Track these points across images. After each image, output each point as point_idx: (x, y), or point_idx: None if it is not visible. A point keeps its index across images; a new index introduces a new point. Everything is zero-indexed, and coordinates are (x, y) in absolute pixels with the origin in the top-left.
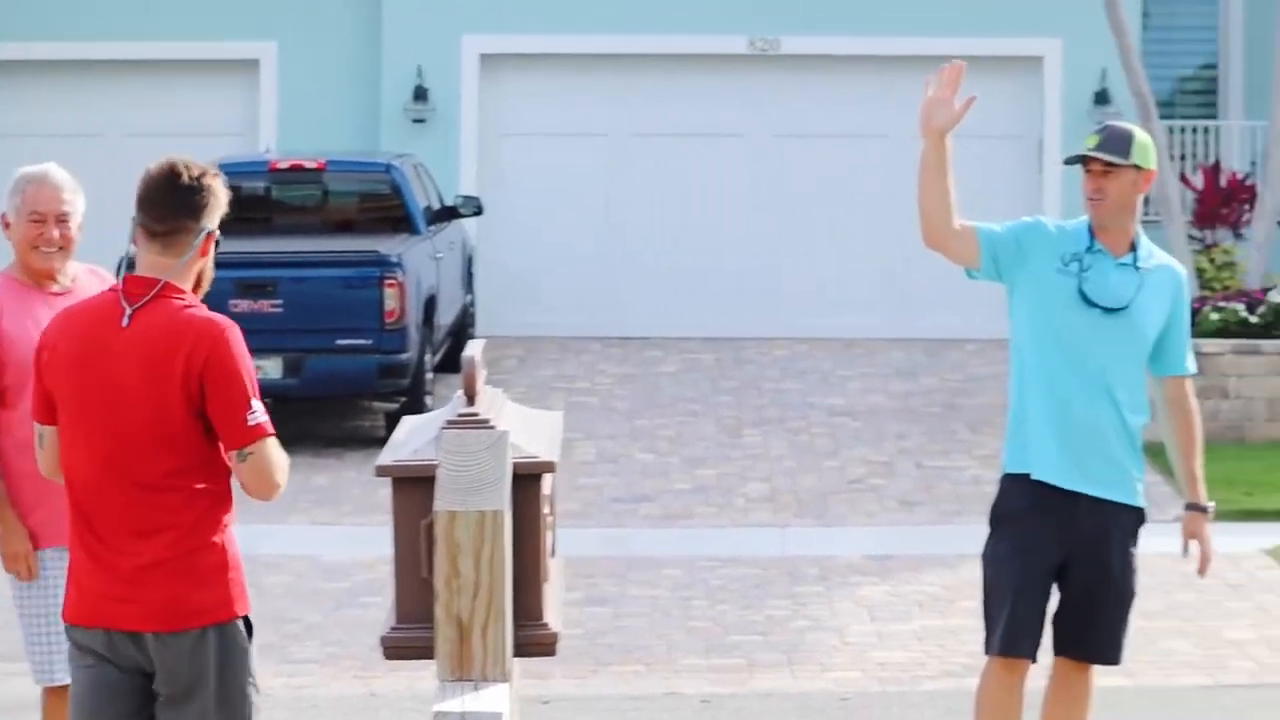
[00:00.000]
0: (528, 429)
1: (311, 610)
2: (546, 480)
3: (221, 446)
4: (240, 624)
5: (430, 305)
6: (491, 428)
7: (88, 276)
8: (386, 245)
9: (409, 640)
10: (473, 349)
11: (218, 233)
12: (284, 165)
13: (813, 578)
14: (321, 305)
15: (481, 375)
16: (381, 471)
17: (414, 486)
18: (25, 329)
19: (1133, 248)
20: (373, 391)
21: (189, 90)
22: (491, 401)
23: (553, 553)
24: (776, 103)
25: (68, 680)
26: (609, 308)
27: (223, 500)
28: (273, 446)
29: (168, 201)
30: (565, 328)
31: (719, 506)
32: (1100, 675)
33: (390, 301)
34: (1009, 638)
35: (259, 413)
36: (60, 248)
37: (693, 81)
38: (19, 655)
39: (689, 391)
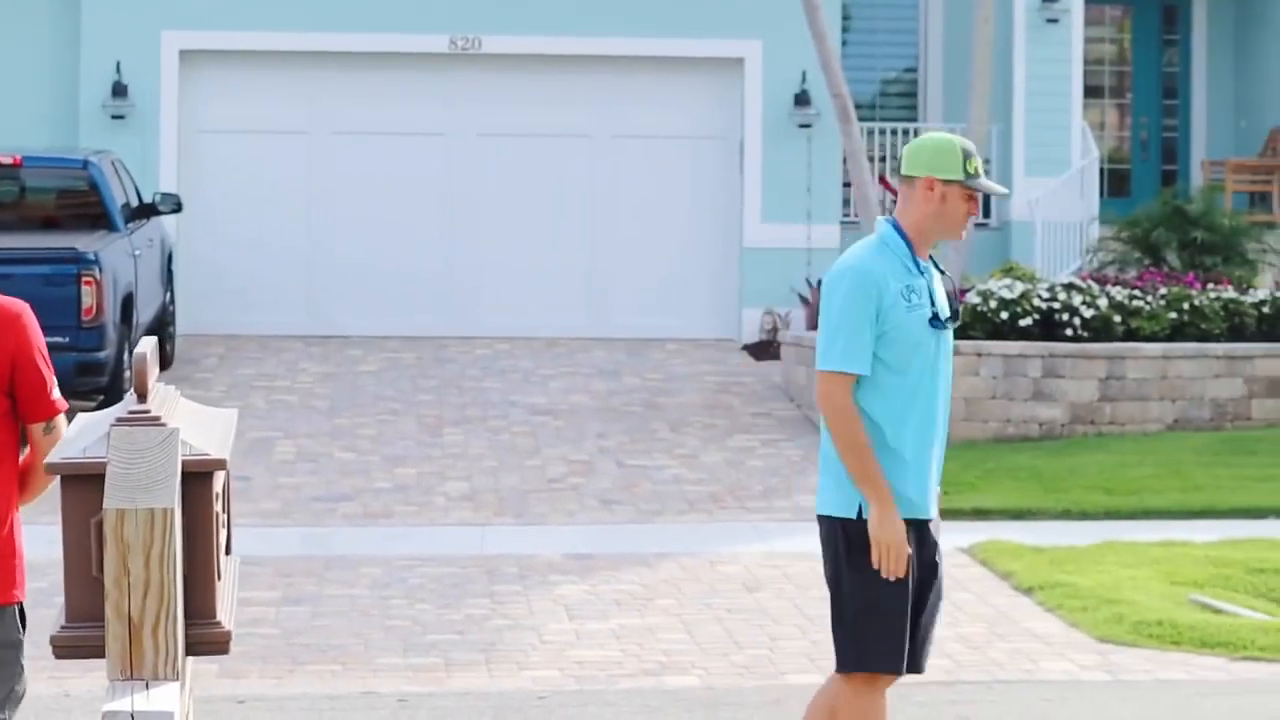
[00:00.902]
0: (200, 427)
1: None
2: (218, 478)
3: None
4: (16, 611)
5: (129, 303)
6: (162, 425)
7: None
8: (84, 242)
9: (80, 639)
10: (144, 346)
11: None
12: None
13: (512, 576)
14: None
15: (153, 373)
16: (50, 469)
17: (83, 484)
18: None
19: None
20: (70, 389)
21: None
22: (163, 399)
23: (227, 551)
24: (478, 102)
25: None
26: (310, 306)
27: (15, 483)
28: (64, 420)
29: None
30: (266, 326)
31: (419, 505)
32: (798, 673)
33: (88, 299)
34: (904, 657)
35: (57, 387)
36: None
37: (395, 79)
38: None
39: (390, 390)
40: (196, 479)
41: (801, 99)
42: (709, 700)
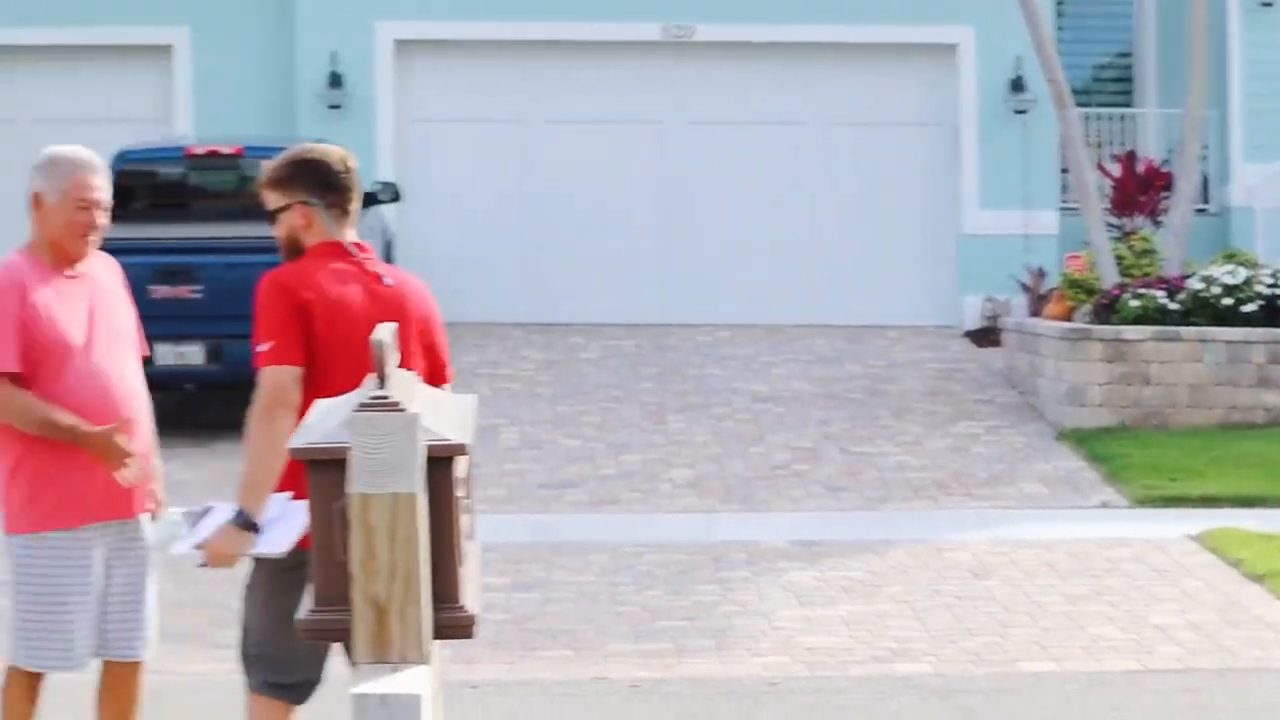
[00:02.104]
0: (439, 412)
1: (238, 597)
2: (460, 463)
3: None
4: None
5: None
6: (403, 410)
7: (94, 259)
8: None
9: (326, 623)
10: (383, 332)
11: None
12: (200, 151)
13: (739, 563)
14: (241, 291)
15: (392, 359)
16: (295, 454)
17: (327, 469)
18: (56, 310)
19: None
20: None
21: (101, 76)
22: (403, 385)
23: (470, 536)
24: (691, 90)
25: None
26: (530, 294)
27: None
28: None
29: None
30: (487, 313)
31: (644, 492)
32: (1029, 660)
33: None
34: None
35: None
36: (97, 234)
37: (608, 68)
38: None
39: (612, 377)
40: (438, 464)
41: (1016, 85)
42: (941, 688)
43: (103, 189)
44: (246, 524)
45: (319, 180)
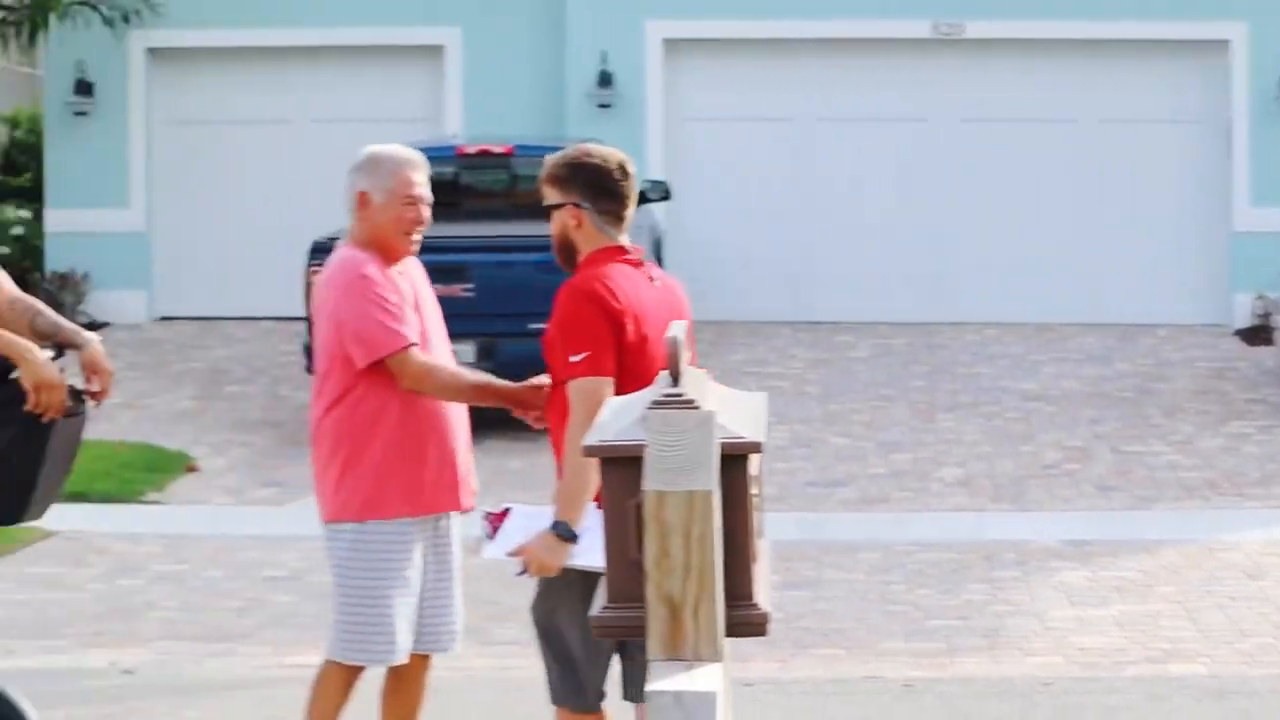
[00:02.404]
0: (732, 410)
1: (512, 593)
2: (754, 461)
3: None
4: None
5: None
6: (697, 408)
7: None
8: None
9: (619, 620)
10: (676, 329)
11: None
12: (471, 150)
13: (1010, 563)
14: (513, 289)
15: (685, 356)
16: (589, 452)
17: (621, 467)
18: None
19: None
20: None
21: (375, 76)
22: (696, 382)
23: (760, 534)
24: (960, 87)
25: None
26: (797, 292)
27: None
28: None
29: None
30: (754, 312)
31: (914, 491)
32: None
33: None
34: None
35: None
36: (421, 231)
37: (876, 66)
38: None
39: (881, 376)
40: (733, 462)
41: None
42: (1215, 689)
43: (426, 185)
44: (566, 534)
45: (594, 184)
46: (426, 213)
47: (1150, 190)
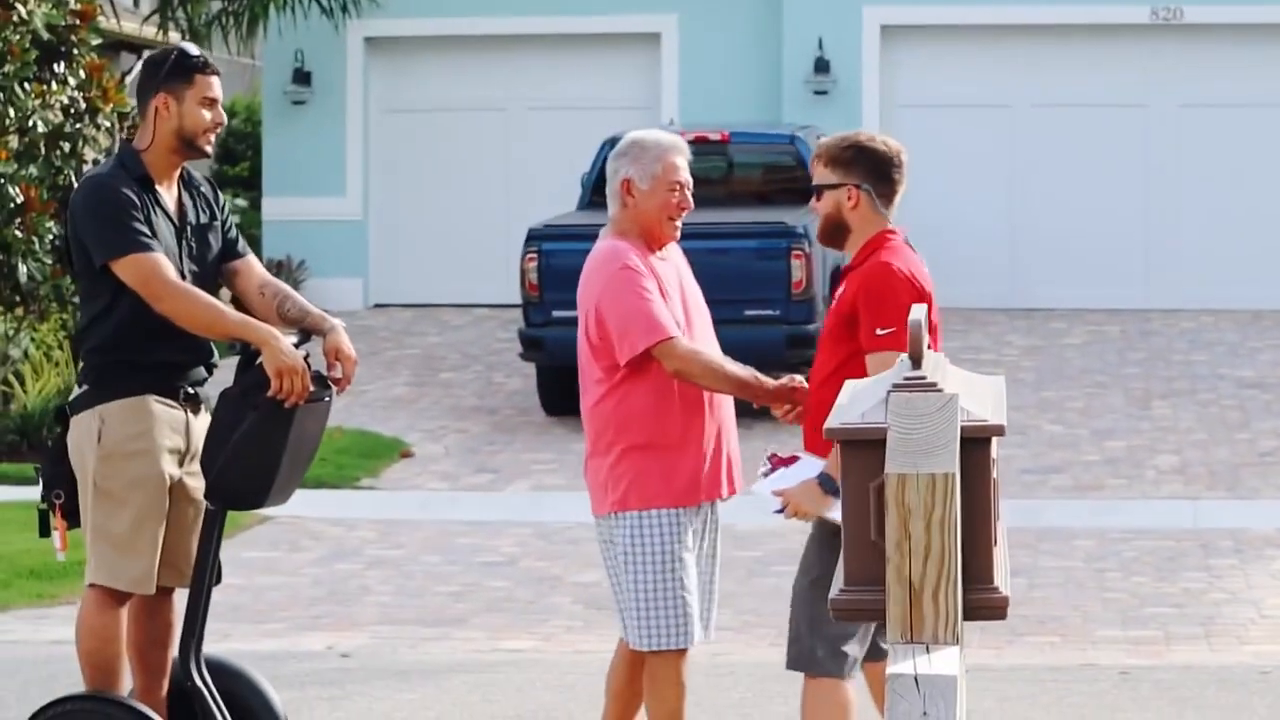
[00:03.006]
0: (972, 392)
1: (724, 578)
2: (994, 444)
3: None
4: None
5: (835, 276)
6: (940, 391)
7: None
8: (792, 217)
9: (857, 602)
10: (918, 313)
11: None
12: (688, 137)
13: (1227, 550)
14: (729, 276)
15: (925, 338)
16: (829, 435)
17: (862, 450)
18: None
19: None
20: (780, 362)
21: (591, 64)
22: (936, 365)
23: (998, 516)
24: (1180, 72)
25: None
26: (1012, 279)
27: None
28: None
29: None
30: (969, 299)
31: (1129, 478)
32: None
33: (797, 272)
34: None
35: None
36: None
37: (1093, 51)
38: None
39: (1095, 363)
40: (975, 444)
41: None
42: None
43: (688, 169)
44: (830, 488)
45: (877, 169)
46: (690, 198)
47: (1251, 173)
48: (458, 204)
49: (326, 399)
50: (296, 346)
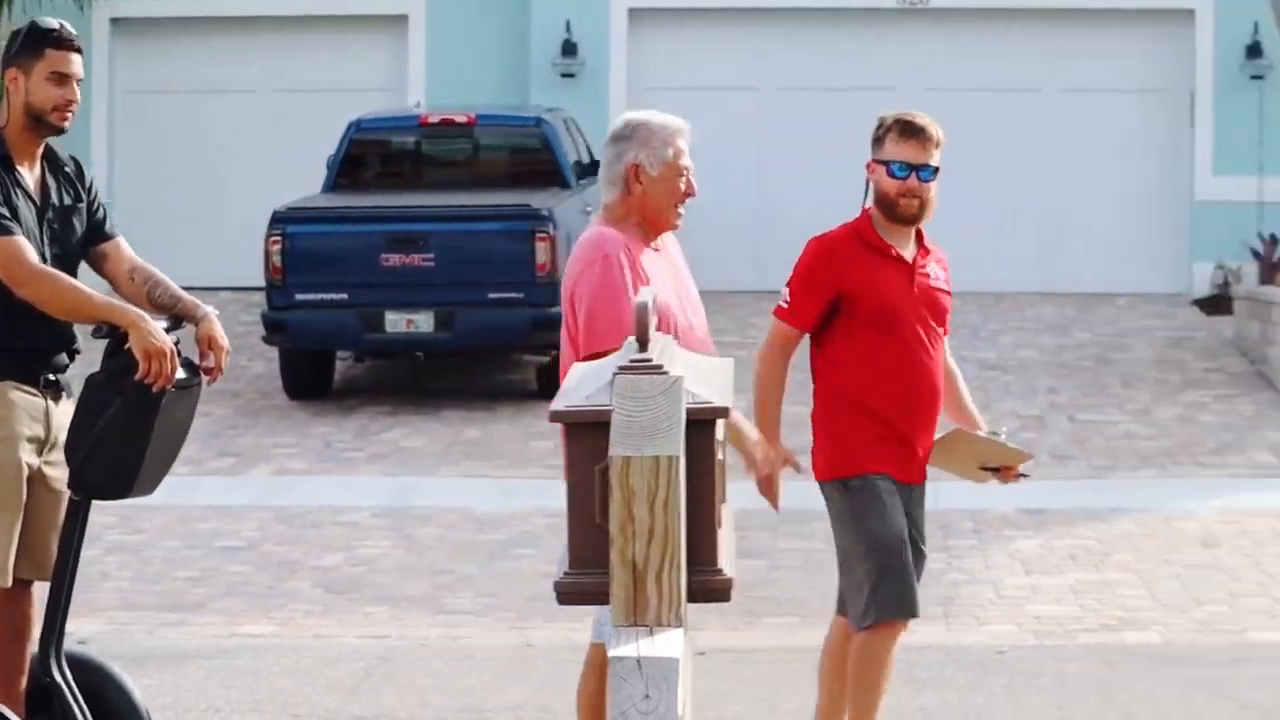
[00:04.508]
0: (699, 375)
1: (466, 562)
2: (720, 426)
3: None
4: None
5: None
6: (665, 373)
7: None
8: (537, 199)
9: (582, 585)
10: (645, 295)
11: None
12: (434, 120)
13: (967, 531)
14: (473, 259)
15: (652, 321)
16: (555, 417)
17: (588, 432)
18: (658, 285)
19: None
20: (524, 345)
21: (339, 46)
22: (663, 348)
23: (724, 499)
24: (926, 57)
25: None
26: (758, 262)
27: None
28: None
29: None
30: (716, 282)
31: None
32: (1259, 630)
33: (542, 255)
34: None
35: None
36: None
37: (841, 35)
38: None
39: None
40: (699, 426)
41: (1254, 50)
42: (1169, 656)
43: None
44: None
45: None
46: (694, 183)
47: (1112, 160)
48: (204, 186)
49: (195, 386)
50: (167, 332)
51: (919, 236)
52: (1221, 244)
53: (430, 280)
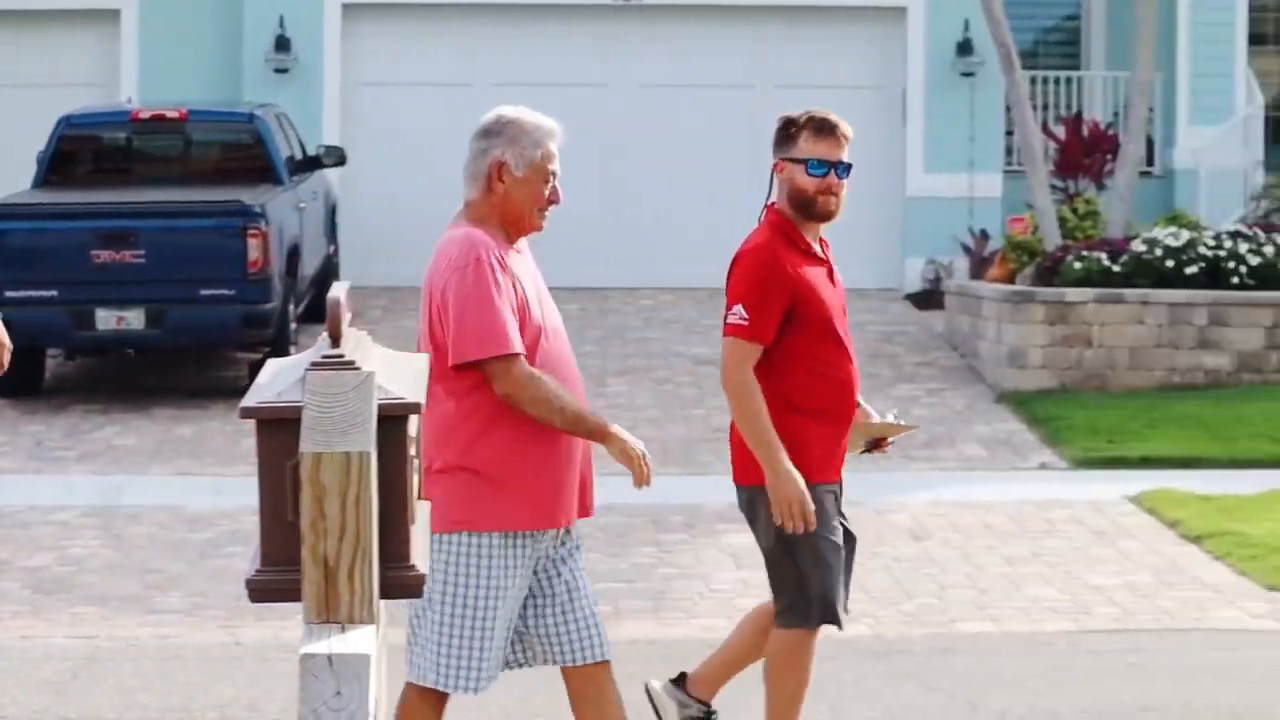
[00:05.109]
0: (393, 371)
1: (175, 560)
2: (412, 422)
3: None
4: None
5: (294, 255)
6: (357, 369)
7: None
8: (249, 195)
9: (274, 583)
10: (338, 290)
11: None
12: (146, 115)
13: (678, 525)
14: (184, 256)
15: (346, 317)
16: (246, 414)
17: (279, 429)
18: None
19: None
20: (237, 342)
21: (49, 41)
22: (357, 343)
23: (419, 495)
24: (640, 53)
25: None
26: None
27: None
28: None
29: None
30: (420, 278)
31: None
32: (967, 622)
33: (254, 251)
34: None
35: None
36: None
37: (556, 31)
38: None
39: None
40: (392, 422)
41: (964, 47)
42: (879, 649)
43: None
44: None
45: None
46: (560, 190)
47: None
48: None
49: None
50: None
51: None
52: (933, 240)
53: (141, 277)
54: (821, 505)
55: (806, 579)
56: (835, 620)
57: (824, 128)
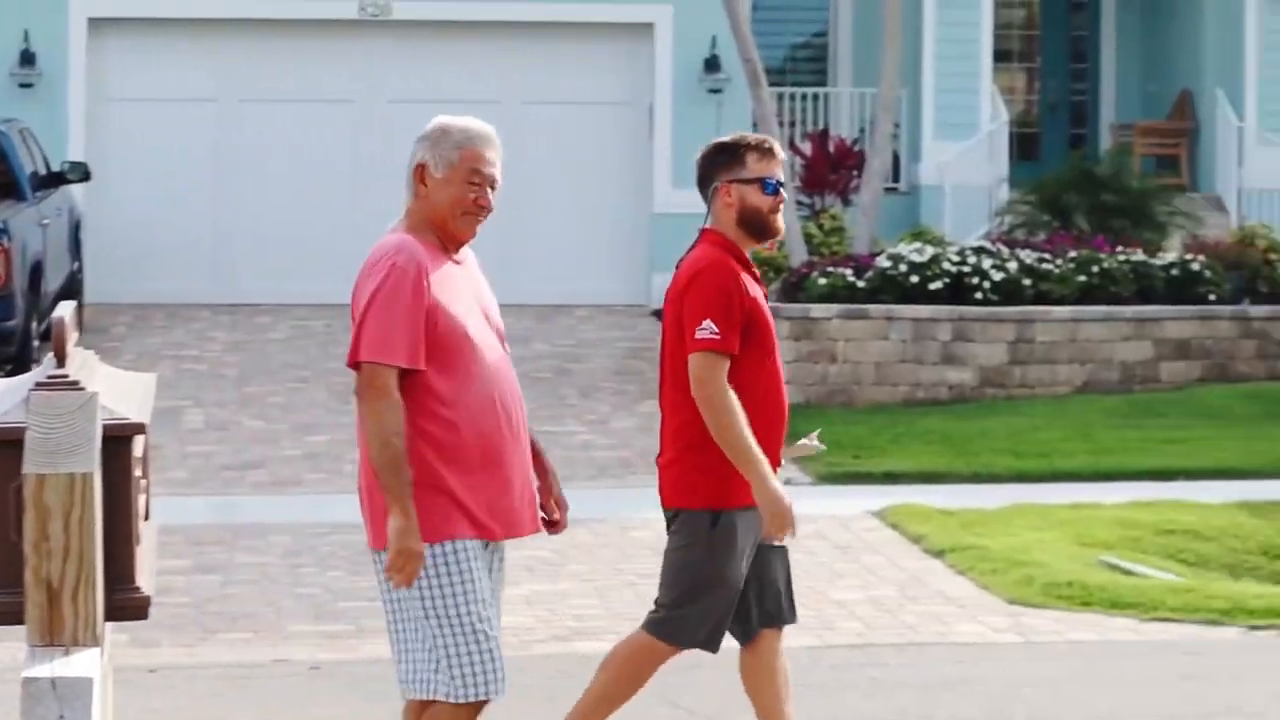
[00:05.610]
0: (119, 391)
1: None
2: (138, 442)
3: None
4: None
5: (37, 272)
6: (81, 389)
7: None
8: None
9: None
10: (62, 310)
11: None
12: None
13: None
14: None
15: (72, 337)
16: None
17: (2, 449)
18: (452, 300)
19: None
20: None
21: None
22: (82, 363)
23: (146, 516)
24: (389, 68)
25: None
26: (218, 274)
27: None
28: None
29: None
30: (175, 294)
31: (329, 473)
32: None
33: None
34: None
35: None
36: (485, 215)
37: (303, 47)
38: None
39: (299, 358)
40: (116, 443)
41: (712, 64)
42: None
43: (496, 164)
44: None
45: None
46: (490, 196)
47: (573, 172)
48: None
49: None
50: None
51: None
52: (680, 255)
53: None
54: (735, 535)
55: (708, 601)
56: (715, 647)
57: (769, 149)
